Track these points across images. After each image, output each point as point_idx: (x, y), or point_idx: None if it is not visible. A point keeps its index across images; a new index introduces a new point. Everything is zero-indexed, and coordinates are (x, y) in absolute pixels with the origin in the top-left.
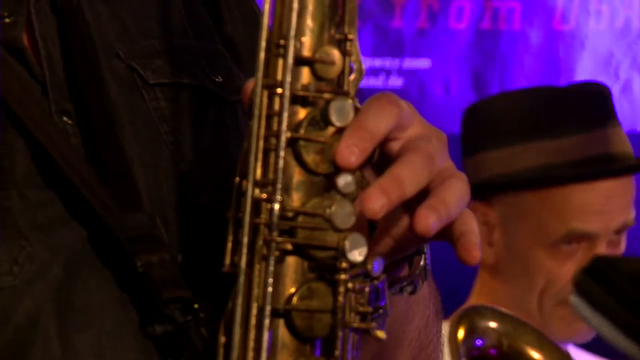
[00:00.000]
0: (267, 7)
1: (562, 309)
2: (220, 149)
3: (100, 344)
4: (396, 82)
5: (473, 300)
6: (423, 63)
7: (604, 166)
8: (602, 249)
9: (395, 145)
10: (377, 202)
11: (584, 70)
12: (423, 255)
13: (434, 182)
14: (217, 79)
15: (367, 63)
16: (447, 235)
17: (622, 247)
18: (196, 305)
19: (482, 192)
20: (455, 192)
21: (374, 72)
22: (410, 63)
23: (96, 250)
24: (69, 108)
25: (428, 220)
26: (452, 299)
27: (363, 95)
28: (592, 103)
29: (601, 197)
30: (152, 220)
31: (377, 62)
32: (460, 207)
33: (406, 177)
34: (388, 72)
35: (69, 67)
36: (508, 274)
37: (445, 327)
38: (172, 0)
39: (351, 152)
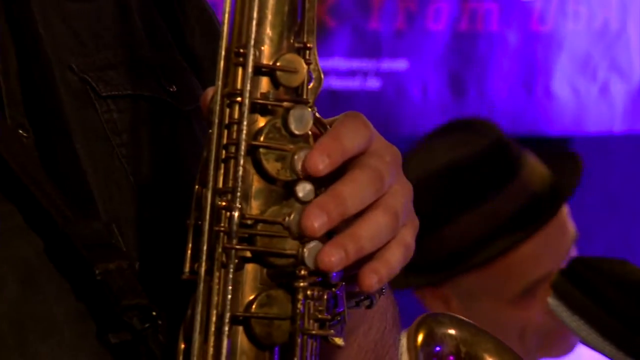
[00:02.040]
0: (226, 17)
1: (547, 341)
2: (175, 159)
3: (61, 355)
4: (373, 83)
5: None
6: (400, 65)
7: (535, 216)
8: None
9: (349, 164)
10: (316, 219)
11: (562, 72)
12: None
13: (383, 198)
14: (171, 89)
15: (344, 65)
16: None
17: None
18: (154, 313)
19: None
20: (372, 225)
21: (351, 73)
22: (388, 64)
23: (54, 260)
24: (24, 121)
25: (331, 257)
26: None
27: (340, 97)
28: (492, 163)
29: (544, 242)
30: (109, 228)
31: (355, 64)
32: (376, 241)
33: (348, 194)
34: (365, 74)
35: (23, 79)
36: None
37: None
38: (128, 12)
39: (322, 160)
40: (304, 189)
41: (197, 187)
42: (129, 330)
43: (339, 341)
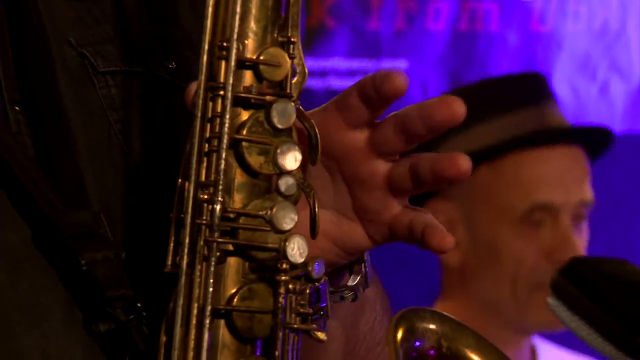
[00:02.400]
0: (210, 10)
1: (538, 295)
2: (171, 137)
3: (47, 344)
4: None
5: (439, 306)
6: (400, 64)
7: (553, 134)
8: (566, 222)
9: None
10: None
11: (562, 72)
12: (364, 264)
13: None
14: (170, 66)
15: (344, 64)
16: (411, 235)
17: (586, 230)
18: (139, 304)
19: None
20: None
21: (351, 73)
22: (388, 64)
23: (41, 249)
24: (18, 96)
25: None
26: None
27: None
28: (532, 84)
29: (556, 169)
30: (97, 218)
31: (354, 64)
32: None
33: None
34: (365, 74)
35: (18, 55)
36: (476, 268)
37: None
38: None
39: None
40: (286, 183)
41: (179, 180)
42: (113, 321)
43: (321, 336)
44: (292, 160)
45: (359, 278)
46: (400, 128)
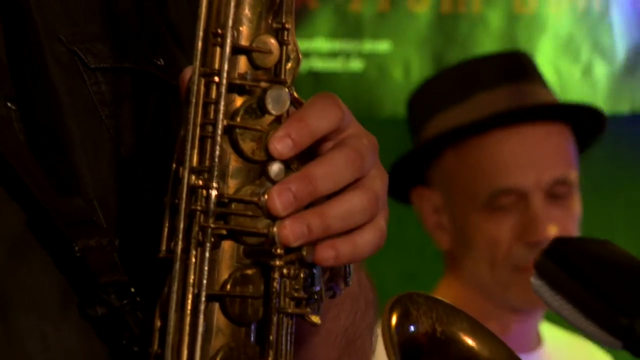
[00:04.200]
0: None
1: (517, 276)
2: (162, 132)
3: (44, 327)
4: (356, 64)
5: (440, 289)
6: (383, 46)
7: (522, 112)
8: (537, 204)
9: (328, 146)
10: (280, 198)
11: (545, 53)
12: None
13: (363, 180)
14: (159, 62)
15: (326, 46)
16: None
17: (576, 207)
18: (133, 290)
19: (421, 172)
20: (345, 204)
21: (333, 55)
22: (371, 46)
23: (38, 235)
24: (12, 93)
25: (291, 230)
26: (412, 282)
27: (322, 78)
28: (511, 63)
29: (523, 148)
30: (90, 204)
31: (337, 45)
32: (347, 221)
33: (320, 173)
34: (348, 55)
35: (11, 51)
36: (459, 253)
37: None
38: None
39: (285, 143)
40: (275, 169)
41: (174, 165)
42: (107, 306)
43: (315, 319)
44: None
45: (339, 275)
46: None
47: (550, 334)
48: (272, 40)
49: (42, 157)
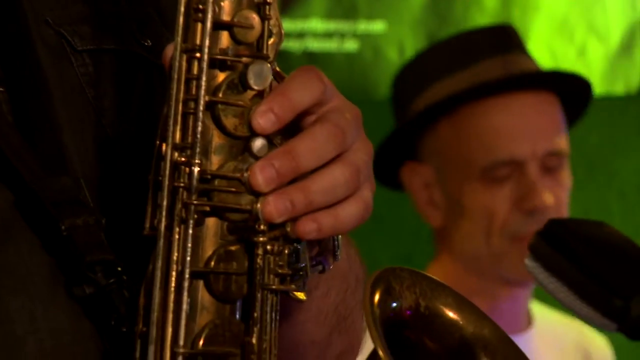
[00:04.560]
0: None
1: (513, 245)
2: (149, 112)
3: (33, 306)
4: (351, 45)
5: (431, 269)
6: (378, 26)
7: (513, 80)
8: (533, 173)
9: (310, 119)
10: (262, 174)
11: (539, 34)
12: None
13: (345, 154)
14: (146, 43)
15: (321, 26)
16: None
17: (567, 178)
18: (119, 268)
19: (411, 147)
20: (327, 179)
21: (328, 35)
22: (365, 26)
23: (25, 214)
24: (0, 76)
25: (274, 206)
26: (407, 263)
27: (317, 58)
28: (499, 35)
29: (519, 118)
30: (77, 183)
31: (332, 25)
32: (330, 196)
33: (303, 149)
34: (342, 35)
35: None
36: (452, 226)
37: None
38: None
39: (268, 118)
40: (258, 145)
41: (157, 142)
42: (94, 285)
43: (300, 295)
44: None
45: (327, 249)
46: None
47: (541, 313)
48: (254, 15)
49: (30, 138)
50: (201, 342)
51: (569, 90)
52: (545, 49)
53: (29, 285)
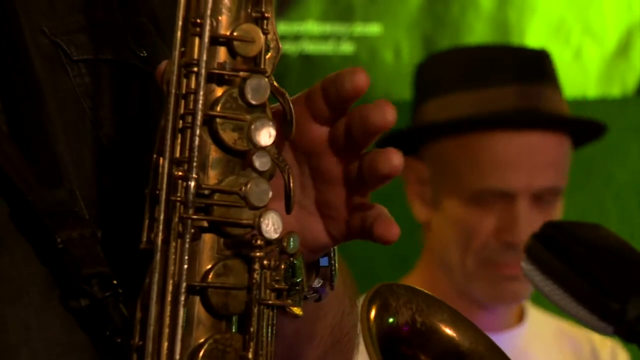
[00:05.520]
0: None
1: (485, 270)
2: (144, 123)
3: (27, 317)
4: (347, 47)
5: (422, 263)
6: (374, 28)
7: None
8: (523, 208)
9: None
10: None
11: (535, 36)
12: (331, 266)
13: None
14: (141, 54)
15: (317, 29)
16: (362, 228)
17: (558, 213)
18: (115, 281)
19: (414, 143)
20: None
21: (324, 37)
22: (361, 28)
23: (20, 225)
24: None
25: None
26: (403, 265)
27: (313, 61)
28: (529, 61)
29: (520, 151)
30: (72, 195)
31: (328, 28)
32: None
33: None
34: (338, 38)
35: None
36: (436, 231)
37: None
38: None
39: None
40: (260, 159)
41: (154, 156)
42: (90, 298)
43: (297, 311)
44: (266, 136)
45: (323, 281)
46: (345, 129)
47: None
48: (255, 29)
49: (26, 148)
50: (200, 355)
51: (583, 134)
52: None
53: (24, 294)
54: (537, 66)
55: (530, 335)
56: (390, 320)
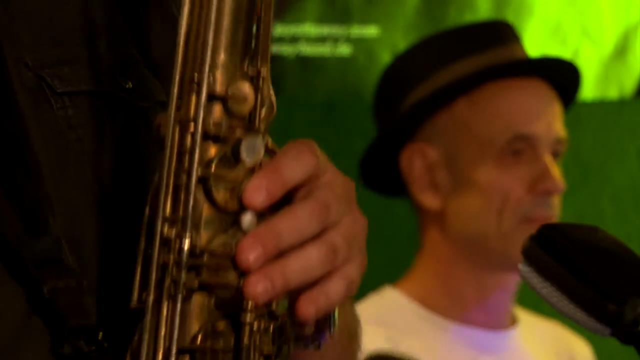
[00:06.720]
0: (181, 41)
1: (523, 227)
2: (132, 155)
3: None
4: (344, 49)
5: (422, 259)
6: (371, 30)
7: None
8: (546, 154)
9: (302, 193)
10: (251, 252)
11: (532, 38)
12: (331, 318)
13: (324, 231)
14: (127, 85)
15: (314, 31)
16: None
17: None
18: (100, 335)
19: (416, 126)
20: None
21: (321, 40)
22: (359, 30)
23: (8, 272)
24: None
25: (256, 287)
26: (403, 267)
27: (310, 63)
28: (497, 28)
29: (535, 99)
30: (58, 243)
31: (325, 30)
32: (306, 275)
33: (285, 226)
34: (336, 40)
35: None
36: (459, 206)
37: None
38: (88, 6)
39: (259, 193)
40: (247, 220)
41: (147, 209)
42: (75, 351)
43: None
44: None
45: (322, 329)
46: None
47: (524, 315)
48: (247, 87)
49: (9, 189)
50: None
51: (561, 73)
52: (539, 53)
53: (13, 343)
54: (506, 31)
55: (523, 338)
56: None
